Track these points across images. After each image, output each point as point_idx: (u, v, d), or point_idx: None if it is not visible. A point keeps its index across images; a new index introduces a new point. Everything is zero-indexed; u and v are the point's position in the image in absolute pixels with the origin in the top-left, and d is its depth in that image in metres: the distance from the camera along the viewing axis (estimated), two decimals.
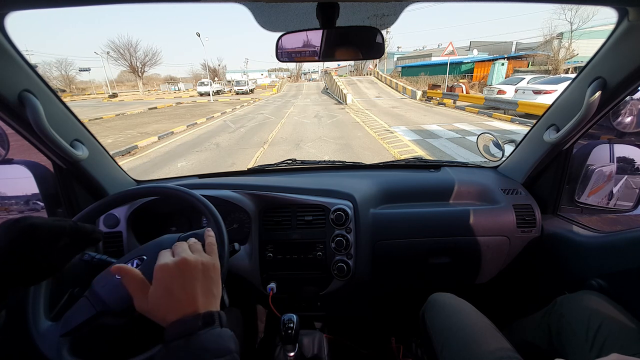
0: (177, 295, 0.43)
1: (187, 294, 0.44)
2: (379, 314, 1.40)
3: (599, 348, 0.65)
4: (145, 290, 0.45)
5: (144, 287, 0.46)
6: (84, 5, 0.59)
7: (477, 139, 1.42)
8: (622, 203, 1.05)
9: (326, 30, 0.67)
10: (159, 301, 0.43)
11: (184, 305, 0.43)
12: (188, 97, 28.51)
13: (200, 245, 0.53)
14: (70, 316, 0.55)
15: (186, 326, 0.41)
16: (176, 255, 0.48)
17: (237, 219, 1.13)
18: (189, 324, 0.41)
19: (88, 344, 0.56)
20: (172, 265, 0.46)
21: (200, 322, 0.41)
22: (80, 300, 0.56)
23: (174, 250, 0.50)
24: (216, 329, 0.42)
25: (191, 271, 0.46)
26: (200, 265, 0.48)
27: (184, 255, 0.48)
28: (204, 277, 0.47)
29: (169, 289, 0.44)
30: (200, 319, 0.42)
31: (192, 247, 0.51)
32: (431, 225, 1.10)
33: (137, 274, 0.47)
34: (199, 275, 0.46)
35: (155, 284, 0.45)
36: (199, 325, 0.41)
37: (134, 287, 0.46)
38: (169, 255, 0.48)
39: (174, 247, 0.51)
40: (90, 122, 12.45)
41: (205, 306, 0.44)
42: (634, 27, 0.69)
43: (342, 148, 6.73)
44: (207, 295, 0.46)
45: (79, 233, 0.52)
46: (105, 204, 0.72)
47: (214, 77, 45.67)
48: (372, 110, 13.28)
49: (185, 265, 0.46)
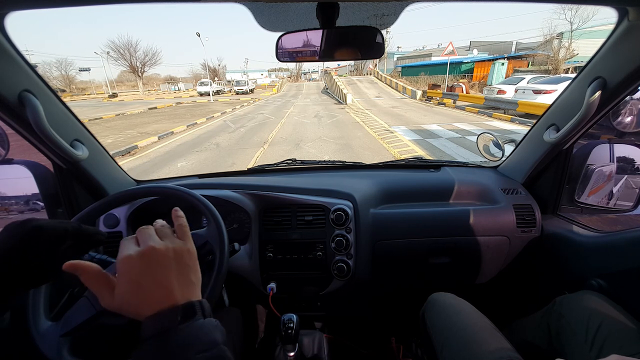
0: (148, 287, 0.38)
1: (160, 286, 0.39)
2: (379, 314, 1.40)
3: (598, 348, 0.65)
4: (111, 286, 0.40)
5: (108, 282, 0.41)
6: (84, 5, 0.59)
7: (477, 138, 1.42)
8: (622, 203, 1.05)
9: (326, 30, 0.67)
10: (127, 297, 0.39)
11: (159, 298, 0.38)
12: (188, 97, 28.51)
13: (169, 228, 0.47)
14: (70, 316, 0.55)
15: (163, 321, 0.36)
16: (141, 244, 0.42)
17: (237, 219, 1.13)
18: (166, 318, 0.37)
19: (88, 344, 0.56)
20: (135, 255, 0.40)
21: (180, 316, 0.37)
22: (80, 300, 0.56)
23: (138, 237, 0.43)
24: (198, 321, 0.38)
25: (161, 260, 0.40)
26: (172, 252, 0.42)
27: (150, 243, 0.41)
28: (178, 265, 0.42)
29: (136, 282, 0.39)
30: (179, 312, 0.37)
31: (160, 231, 0.45)
32: (431, 225, 1.10)
33: (95, 269, 0.41)
34: (171, 264, 0.41)
35: (119, 279, 0.39)
36: (177, 319, 0.37)
37: (94, 285, 0.40)
38: (132, 245, 0.42)
39: (138, 233, 0.44)
40: (90, 122, 12.45)
41: (183, 296, 0.40)
42: (634, 27, 0.69)
43: (342, 148, 6.72)
44: (185, 284, 0.41)
45: (83, 235, 0.53)
46: (105, 204, 0.72)
47: (214, 77, 45.68)
48: (372, 110, 13.27)
49: (153, 253, 0.40)
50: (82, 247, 0.54)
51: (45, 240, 0.46)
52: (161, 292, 0.39)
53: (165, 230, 0.46)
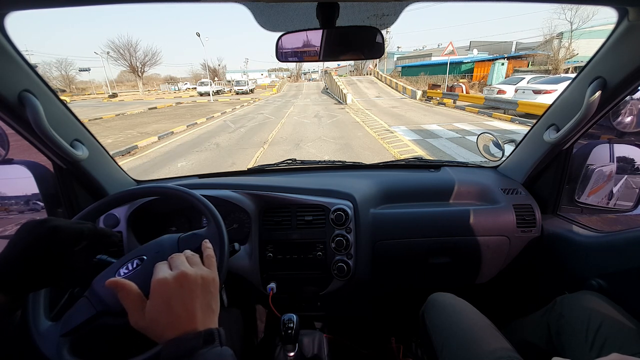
0: (176, 311, 0.41)
1: (187, 310, 0.42)
2: (379, 314, 1.40)
3: (598, 348, 0.65)
4: (142, 306, 0.43)
5: (141, 302, 0.43)
6: (84, 5, 0.59)
7: (477, 138, 1.42)
8: (622, 203, 1.05)
9: (326, 30, 0.67)
10: (157, 317, 0.41)
11: (183, 322, 0.41)
12: (188, 97, 28.51)
13: (198, 257, 0.51)
14: (70, 316, 0.55)
15: (186, 345, 0.38)
16: (174, 269, 0.45)
17: (237, 219, 1.13)
18: (189, 342, 0.39)
19: (88, 344, 0.56)
20: (171, 279, 0.43)
21: (201, 341, 0.39)
22: (80, 300, 0.56)
23: (170, 262, 0.47)
24: (216, 349, 0.40)
25: (191, 286, 0.44)
26: (200, 279, 0.45)
27: (182, 268, 0.45)
28: (204, 292, 0.45)
29: (168, 304, 0.41)
30: (201, 338, 0.40)
31: (190, 259, 0.49)
32: (431, 225, 1.10)
33: (135, 288, 0.44)
34: (198, 290, 0.44)
35: (153, 299, 0.42)
36: (199, 345, 0.39)
37: (130, 303, 0.43)
38: (166, 269, 0.45)
39: (171, 259, 0.48)
40: (90, 122, 12.45)
41: (204, 323, 0.42)
42: (634, 27, 0.69)
43: (342, 148, 6.73)
44: (207, 311, 0.44)
45: (97, 236, 0.54)
46: (105, 204, 0.72)
47: (214, 77, 45.66)
48: (372, 110, 13.28)
49: (185, 279, 0.44)
50: (96, 247, 0.55)
51: (61, 240, 0.47)
52: (187, 316, 0.41)
53: (195, 259, 0.49)
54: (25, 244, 0.45)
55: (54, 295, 0.63)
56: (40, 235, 0.46)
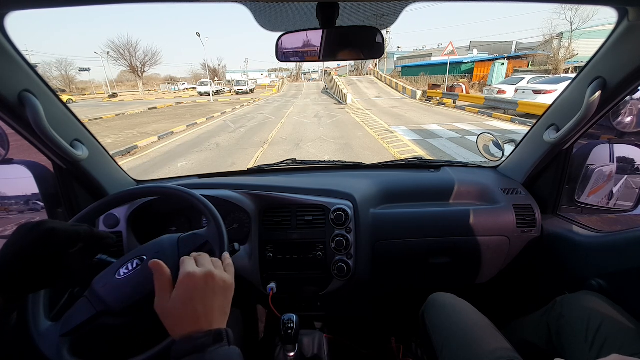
0: (196, 306, 0.43)
1: (205, 308, 0.44)
2: (379, 314, 1.40)
3: (598, 348, 0.65)
4: (170, 291, 0.45)
5: (170, 287, 0.46)
6: (84, 5, 0.59)
7: (477, 139, 1.42)
8: (622, 203, 1.05)
9: (326, 30, 0.67)
10: (178, 306, 0.44)
11: (200, 319, 0.43)
12: (188, 97, 28.51)
13: (221, 263, 0.53)
14: (70, 316, 0.55)
15: (198, 342, 0.41)
16: (201, 266, 0.48)
17: (237, 219, 1.13)
18: (201, 340, 0.41)
19: (88, 344, 0.56)
20: (199, 275, 0.46)
21: (212, 339, 0.41)
22: (80, 300, 0.56)
23: (197, 260, 0.50)
24: (224, 347, 0.42)
25: (214, 286, 0.46)
26: (222, 282, 0.48)
27: (210, 268, 0.48)
28: (223, 295, 0.47)
29: (191, 297, 0.44)
30: (211, 336, 0.42)
31: (215, 263, 0.51)
32: (431, 225, 1.10)
33: (167, 272, 0.47)
34: (219, 292, 0.47)
35: (179, 289, 0.45)
36: (210, 342, 0.41)
37: (161, 285, 0.46)
38: (193, 264, 0.48)
39: (198, 257, 0.50)
40: (90, 122, 12.45)
41: (217, 323, 0.45)
42: (634, 27, 0.69)
43: (342, 148, 6.73)
44: (221, 313, 0.46)
45: (94, 238, 0.54)
46: (105, 204, 0.72)
47: (214, 77, 45.66)
48: (372, 110, 13.28)
49: (211, 278, 0.46)
50: (92, 249, 0.56)
51: (58, 242, 0.48)
52: (204, 313, 0.44)
53: (218, 263, 0.52)
54: (21, 246, 0.45)
55: (54, 295, 0.63)
56: (36, 238, 0.46)
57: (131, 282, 0.56)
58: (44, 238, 0.46)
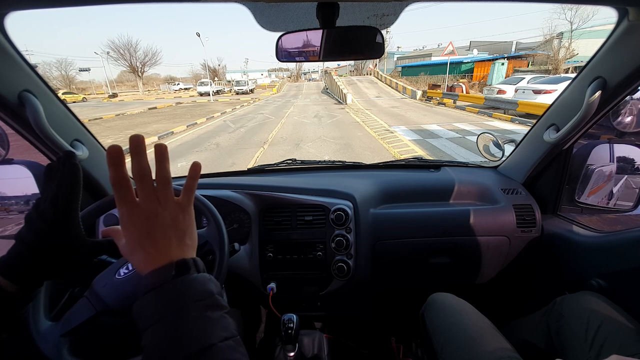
0: (144, 245, 0.41)
1: (156, 243, 0.41)
2: (379, 314, 1.40)
3: (598, 348, 0.65)
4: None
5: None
6: (84, 5, 0.59)
7: (477, 138, 1.42)
8: (622, 203, 1.05)
9: (326, 30, 0.67)
10: (129, 250, 0.42)
11: (158, 257, 0.41)
12: (188, 97, 28.52)
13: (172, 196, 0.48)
14: (70, 316, 0.55)
15: (161, 276, 0.39)
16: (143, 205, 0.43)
17: (237, 219, 1.13)
18: (163, 273, 0.39)
19: (88, 344, 0.56)
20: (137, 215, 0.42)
21: (174, 270, 0.40)
22: (80, 300, 0.56)
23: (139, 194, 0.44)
24: (192, 275, 0.40)
25: (162, 222, 0.42)
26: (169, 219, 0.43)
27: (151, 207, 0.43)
28: (176, 230, 0.43)
29: (137, 237, 0.41)
30: (173, 268, 0.40)
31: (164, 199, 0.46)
32: (431, 225, 1.10)
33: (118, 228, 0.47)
34: (169, 226, 0.43)
35: (125, 235, 0.43)
36: (172, 274, 0.39)
37: (116, 235, 0.48)
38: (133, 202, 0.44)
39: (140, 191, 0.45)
40: (90, 122, 12.45)
41: (178, 255, 0.42)
42: (634, 27, 0.69)
43: (342, 148, 6.72)
44: (181, 244, 0.43)
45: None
46: (106, 203, 0.71)
47: (214, 77, 45.66)
48: (372, 110, 13.27)
49: (153, 215, 0.42)
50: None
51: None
52: (153, 249, 0.41)
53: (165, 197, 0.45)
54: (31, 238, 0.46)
55: (54, 295, 0.63)
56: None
57: (131, 282, 0.56)
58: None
